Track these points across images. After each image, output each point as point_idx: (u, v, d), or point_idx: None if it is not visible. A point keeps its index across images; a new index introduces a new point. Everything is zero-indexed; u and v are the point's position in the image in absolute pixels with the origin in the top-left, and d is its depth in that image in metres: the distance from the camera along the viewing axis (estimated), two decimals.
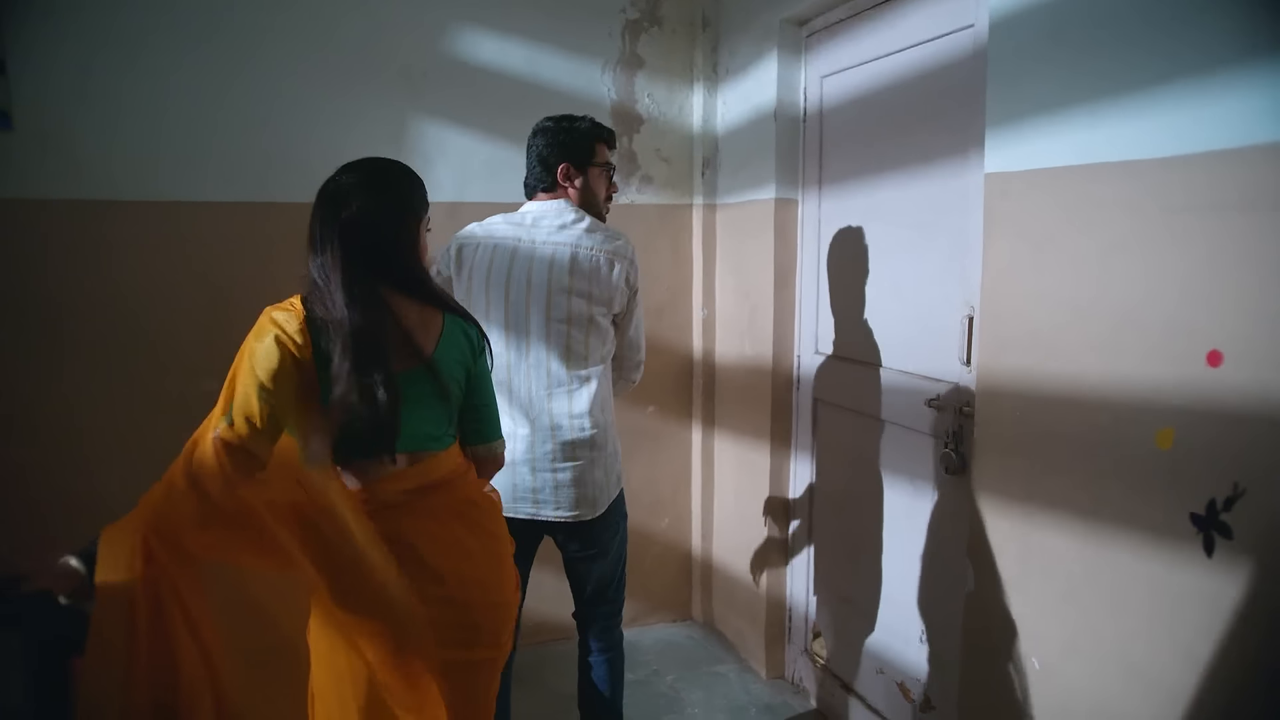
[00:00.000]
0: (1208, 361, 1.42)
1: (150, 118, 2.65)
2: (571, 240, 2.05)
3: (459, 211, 2.98)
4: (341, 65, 2.81)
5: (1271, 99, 1.31)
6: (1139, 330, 1.54)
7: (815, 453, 2.78)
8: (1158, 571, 1.52)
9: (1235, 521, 1.39)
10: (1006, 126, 1.81)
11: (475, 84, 2.96)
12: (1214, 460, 1.42)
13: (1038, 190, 1.74)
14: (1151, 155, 1.50)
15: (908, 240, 2.29)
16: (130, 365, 2.68)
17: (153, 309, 2.70)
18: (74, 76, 2.57)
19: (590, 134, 2.14)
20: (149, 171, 2.67)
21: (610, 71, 3.12)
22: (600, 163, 2.15)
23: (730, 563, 3.21)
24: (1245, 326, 1.36)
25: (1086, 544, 1.66)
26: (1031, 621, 1.80)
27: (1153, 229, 1.50)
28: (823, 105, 2.66)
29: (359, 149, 2.89)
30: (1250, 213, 1.35)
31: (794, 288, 2.83)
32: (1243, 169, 1.35)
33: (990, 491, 1.91)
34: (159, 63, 2.64)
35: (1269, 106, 1.31)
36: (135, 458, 1.94)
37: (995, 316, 1.88)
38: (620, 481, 2.20)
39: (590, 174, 2.14)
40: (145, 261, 2.69)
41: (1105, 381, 1.61)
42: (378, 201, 1.53)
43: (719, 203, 3.17)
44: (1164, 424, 1.50)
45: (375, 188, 1.54)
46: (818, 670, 2.79)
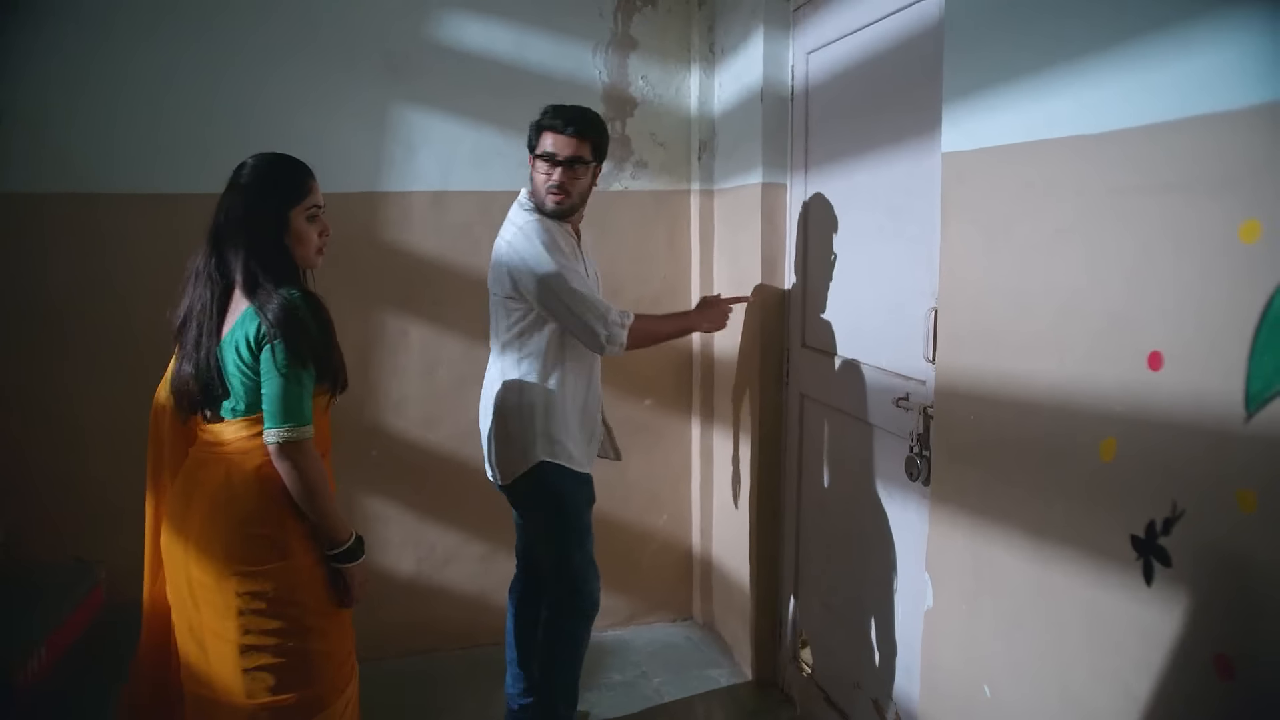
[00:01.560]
0: (1149, 364, 1.25)
1: (117, 107, 2.66)
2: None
3: (443, 200, 2.94)
4: (321, 51, 2.78)
5: (1209, 63, 1.13)
6: (1084, 325, 1.37)
7: (801, 452, 2.64)
8: (1099, 598, 1.35)
9: (1174, 547, 1.22)
10: (962, 101, 1.65)
11: (460, 68, 2.90)
12: (1153, 476, 1.25)
13: (990, 170, 1.58)
14: (1098, 130, 1.32)
15: (881, 226, 2.13)
16: (115, 360, 2.73)
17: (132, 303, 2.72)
18: (39, 66, 2.60)
19: (536, 124, 2.28)
20: (118, 164, 2.68)
21: (602, 53, 3.01)
22: (539, 153, 2.26)
23: (727, 563, 3.09)
24: (1184, 325, 1.19)
25: (1032, 564, 1.50)
26: (984, 644, 1.65)
27: (1099, 212, 1.33)
28: (808, 83, 2.50)
29: (339, 137, 2.90)
30: (1189, 194, 1.17)
31: (782, 277, 2.68)
32: (1182, 144, 1.18)
33: (947, 502, 1.75)
34: (125, 50, 2.65)
35: (1207, 72, 1.13)
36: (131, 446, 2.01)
37: (952, 310, 1.72)
38: (532, 459, 2.25)
39: (533, 164, 2.30)
40: (129, 254, 2.71)
41: (1051, 383, 1.44)
42: (226, 200, 1.73)
43: (716, 188, 3.03)
44: (1107, 433, 1.33)
45: (229, 187, 1.74)
46: (803, 680, 2.65)
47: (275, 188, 1.71)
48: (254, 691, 1.68)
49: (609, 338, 2.16)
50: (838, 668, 2.45)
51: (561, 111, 2.23)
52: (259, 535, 1.68)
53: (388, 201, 2.90)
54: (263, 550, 1.68)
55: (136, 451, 1.89)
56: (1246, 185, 1.09)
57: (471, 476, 3.06)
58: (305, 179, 1.75)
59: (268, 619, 1.68)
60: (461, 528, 3.08)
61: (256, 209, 1.69)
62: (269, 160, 1.74)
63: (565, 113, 2.22)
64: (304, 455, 1.66)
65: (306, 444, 1.66)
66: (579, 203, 2.29)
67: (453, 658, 3.06)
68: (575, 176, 2.22)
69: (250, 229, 1.69)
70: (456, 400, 3.02)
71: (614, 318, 2.17)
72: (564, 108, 2.25)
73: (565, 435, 2.27)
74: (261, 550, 1.68)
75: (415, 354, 2.98)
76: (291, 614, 1.69)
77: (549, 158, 2.21)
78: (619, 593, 3.18)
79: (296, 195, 1.72)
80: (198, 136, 2.70)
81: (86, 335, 2.72)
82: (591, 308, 2.15)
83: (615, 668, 3.00)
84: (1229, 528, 1.13)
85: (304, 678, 1.70)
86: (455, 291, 2.98)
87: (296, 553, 1.70)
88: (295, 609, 1.70)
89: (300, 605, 1.70)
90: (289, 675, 1.69)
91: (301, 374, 1.65)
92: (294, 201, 1.72)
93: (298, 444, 1.65)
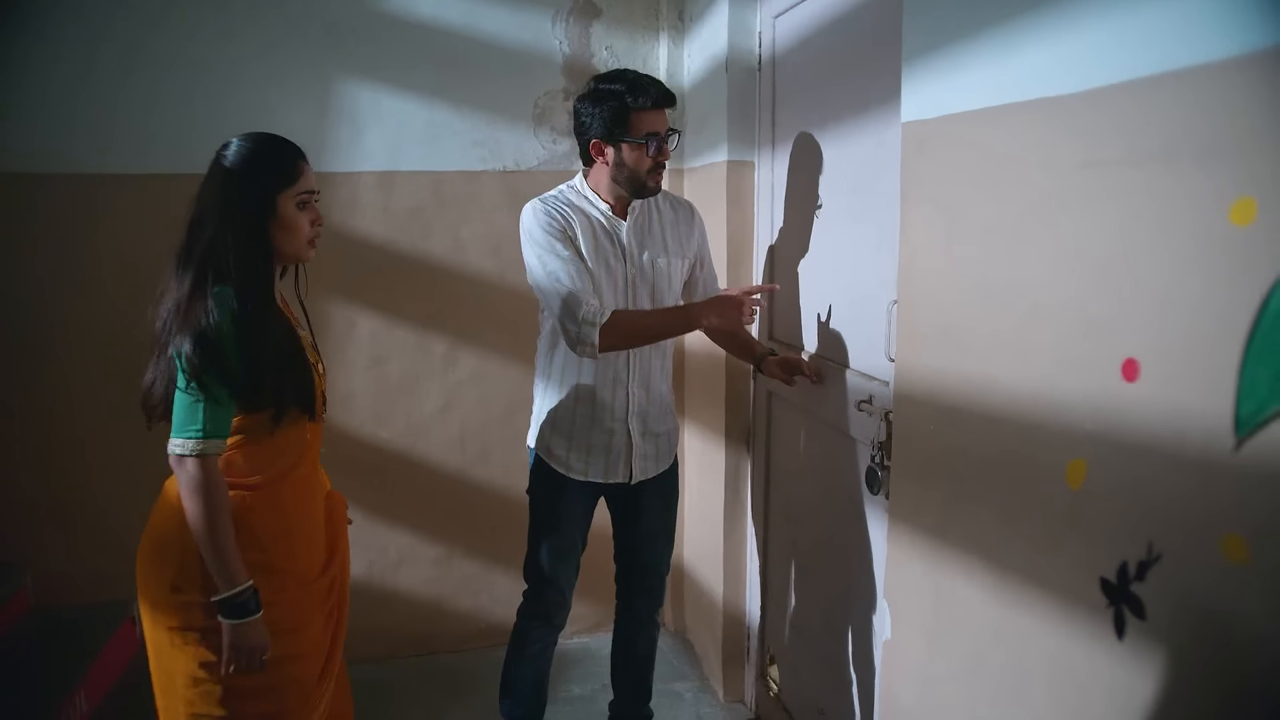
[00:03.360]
0: (1123, 373, 1.03)
1: (52, 85, 2.49)
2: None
3: (392, 181, 2.75)
4: (260, 24, 2.58)
5: (1194, 5, 0.90)
6: (1050, 325, 1.15)
7: (769, 456, 2.43)
8: (1064, 648, 1.14)
9: (1149, 596, 1.00)
10: (923, 62, 1.42)
11: (410, 40, 2.69)
12: (1127, 509, 1.03)
13: (951, 142, 1.36)
14: (1065, 90, 1.10)
15: (845, 208, 1.91)
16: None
17: (66, 289, 2.56)
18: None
19: (622, 104, 1.94)
20: (57, 144, 2.51)
21: (562, 22, 2.79)
22: (644, 134, 1.96)
23: (699, 571, 2.90)
24: (1165, 327, 0.97)
25: (994, 601, 1.29)
26: (943, 686, 1.44)
27: (1068, 189, 1.11)
28: (775, 51, 2.28)
29: (282, 115, 2.68)
30: (1172, 165, 0.95)
31: (751, 263, 2.46)
32: (1163, 104, 0.95)
33: (905, 522, 1.54)
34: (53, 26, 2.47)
35: (1192, 17, 0.91)
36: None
37: (912, 303, 1.50)
38: (530, 452, 2.15)
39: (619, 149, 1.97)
40: (59, 234, 2.55)
41: (1015, 393, 1.23)
42: (206, 183, 1.56)
43: (685, 167, 2.82)
44: (1075, 454, 1.11)
45: (211, 170, 1.57)
46: (770, 700, 2.46)
47: (261, 170, 1.53)
48: None
49: (578, 336, 1.88)
50: (803, 690, 2.25)
51: (647, 84, 1.94)
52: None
53: (333, 183, 2.69)
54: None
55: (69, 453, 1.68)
56: (1240, 154, 0.87)
57: (426, 475, 2.88)
58: (295, 160, 1.57)
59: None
60: (414, 529, 2.91)
61: (237, 194, 1.52)
62: (255, 140, 1.56)
63: (655, 87, 1.95)
64: (198, 472, 1.45)
65: (203, 461, 1.46)
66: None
67: (409, 665, 2.90)
68: (671, 147, 2.03)
69: (227, 217, 1.51)
70: (409, 395, 2.83)
71: (584, 314, 1.86)
72: (641, 78, 1.95)
73: (553, 431, 2.08)
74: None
75: (364, 346, 2.79)
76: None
77: (657, 138, 1.95)
78: (586, 598, 2.99)
79: (285, 179, 1.55)
80: (141, 119, 2.52)
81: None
82: (562, 303, 1.89)
83: (576, 679, 2.82)
84: (1213, 579, 0.92)
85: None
86: (406, 279, 2.79)
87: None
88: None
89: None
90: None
91: (200, 386, 1.45)
92: (282, 186, 1.54)
93: (182, 460, 1.46)
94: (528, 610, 2.24)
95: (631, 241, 2.03)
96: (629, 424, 2.08)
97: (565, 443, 2.08)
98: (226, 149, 1.56)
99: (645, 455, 2.13)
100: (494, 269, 2.82)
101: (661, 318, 2.00)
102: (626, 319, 1.92)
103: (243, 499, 1.55)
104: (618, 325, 1.88)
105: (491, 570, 2.97)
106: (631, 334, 1.93)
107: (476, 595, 2.97)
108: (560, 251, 1.92)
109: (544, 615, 2.22)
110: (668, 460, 2.21)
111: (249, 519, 1.55)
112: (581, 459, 2.08)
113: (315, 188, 1.61)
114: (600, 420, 2.06)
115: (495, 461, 2.92)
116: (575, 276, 1.90)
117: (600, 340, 1.86)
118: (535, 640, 2.26)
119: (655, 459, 2.16)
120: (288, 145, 1.59)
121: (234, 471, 1.55)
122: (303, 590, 1.63)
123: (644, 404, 2.09)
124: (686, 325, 2.01)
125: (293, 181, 1.56)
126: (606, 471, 2.10)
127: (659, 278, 2.06)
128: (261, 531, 1.56)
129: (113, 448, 2.56)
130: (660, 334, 2.02)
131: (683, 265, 2.12)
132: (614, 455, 2.10)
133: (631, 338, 1.95)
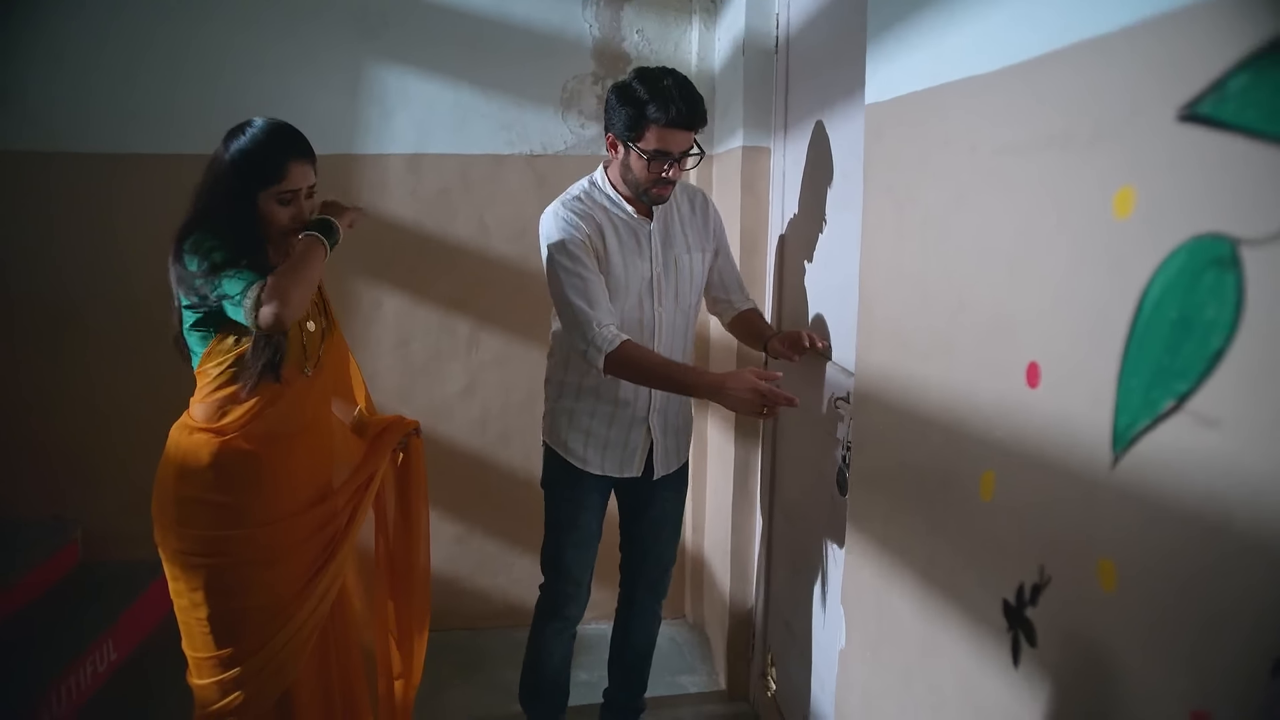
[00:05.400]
0: (1027, 378, 0.94)
1: (83, 69, 2.62)
2: None
3: (420, 164, 2.79)
4: (284, 5, 2.65)
5: None
6: (970, 324, 1.07)
7: (775, 454, 2.36)
8: (971, 671, 1.06)
9: (1040, 621, 0.92)
10: (883, 39, 1.34)
11: (438, 24, 2.71)
12: (1025, 527, 0.95)
13: (900, 125, 1.28)
14: (986, 68, 1.01)
15: (839, 196, 1.83)
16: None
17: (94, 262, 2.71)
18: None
19: (638, 114, 1.82)
20: (92, 126, 2.65)
21: (593, 5, 2.76)
22: (652, 150, 1.83)
23: (713, 564, 2.85)
24: (1058, 329, 0.88)
25: (920, 617, 1.21)
26: (881, 701, 1.37)
27: (986, 176, 1.03)
28: (790, 32, 2.19)
29: (309, 100, 2.77)
30: (1065, 152, 0.86)
31: (765, 253, 2.39)
32: (1057, 84, 0.86)
33: (860, 528, 1.47)
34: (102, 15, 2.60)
35: None
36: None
37: (869, 298, 1.42)
38: (544, 446, 2.15)
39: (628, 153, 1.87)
40: (90, 212, 2.69)
41: (943, 394, 1.15)
42: (210, 162, 1.65)
43: (714, 153, 2.75)
44: (987, 464, 1.03)
45: (218, 149, 1.64)
46: (767, 699, 2.39)
47: (245, 167, 1.60)
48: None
49: (585, 355, 1.84)
50: (793, 693, 2.19)
51: (674, 100, 1.79)
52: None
53: (362, 165, 2.76)
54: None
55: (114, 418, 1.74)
56: (1122, 136, 0.78)
57: (446, 455, 2.93)
58: (285, 161, 1.60)
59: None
60: (435, 506, 2.95)
61: (222, 184, 1.61)
62: (256, 133, 1.62)
63: (692, 103, 1.81)
64: (269, 310, 1.51)
65: (259, 304, 1.52)
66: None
67: None
68: (683, 168, 1.90)
69: (213, 199, 1.61)
70: (432, 375, 2.88)
71: (595, 338, 1.80)
72: (670, 92, 1.80)
73: (570, 426, 2.05)
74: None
75: (389, 326, 2.85)
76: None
77: (668, 158, 1.83)
78: (600, 585, 2.99)
79: (267, 179, 1.60)
80: (166, 100, 2.64)
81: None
82: (575, 321, 1.84)
83: (585, 665, 2.81)
84: (1089, 607, 0.83)
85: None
86: (431, 261, 2.83)
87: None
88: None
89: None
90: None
91: (213, 268, 1.55)
92: (263, 185, 1.61)
93: (255, 316, 1.52)
94: (544, 606, 2.20)
95: (657, 240, 1.97)
96: (650, 420, 2.03)
97: (582, 438, 2.04)
98: (238, 134, 1.62)
99: (667, 450, 2.09)
100: (518, 253, 2.83)
101: (667, 373, 1.85)
102: (636, 358, 1.82)
103: (215, 445, 1.64)
104: (625, 360, 1.81)
105: (509, 552, 3.00)
106: (635, 373, 1.84)
107: (494, 575, 3.01)
108: (580, 266, 1.86)
109: (560, 611, 2.18)
110: (685, 454, 2.18)
111: (218, 463, 1.63)
112: (598, 454, 2.04)
113: (303, 185, 1.64)
114: (620, 417, 2.02)
115: (516, 445, 2.94)
116: (592, 295, 1.84)
117: (605, 367, 1.82)
118: (554, 646, 2.22)
119: (677, 454, 2.13)
120: (284, 143, 1.62)
121: (212, 418, 1.65)
122: (267, 528, 1.69)
123: (664, 401, 2.04)
124: (695, 393, 1.85)
125: (274, 182, 1.60)
126: (622, 466, 2.06)
127: (682, 276, 2.01)
128: (225, 475, 1.64)
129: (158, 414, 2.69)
130: (662, 386, 1.90)
131: (704, 259, 2.06)
132: (630, 450, 2.05)
133: (634, 375, 1.86)
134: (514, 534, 2.98)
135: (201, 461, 1.62)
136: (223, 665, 1.66)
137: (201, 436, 1.63)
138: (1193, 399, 0.69)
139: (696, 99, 1.82)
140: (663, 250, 1.98)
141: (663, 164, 1.83)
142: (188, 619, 1.68)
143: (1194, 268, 0.69)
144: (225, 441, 1.63)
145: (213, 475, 1.63)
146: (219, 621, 1.66)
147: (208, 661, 1.68)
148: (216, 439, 1.63)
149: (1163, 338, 0.73)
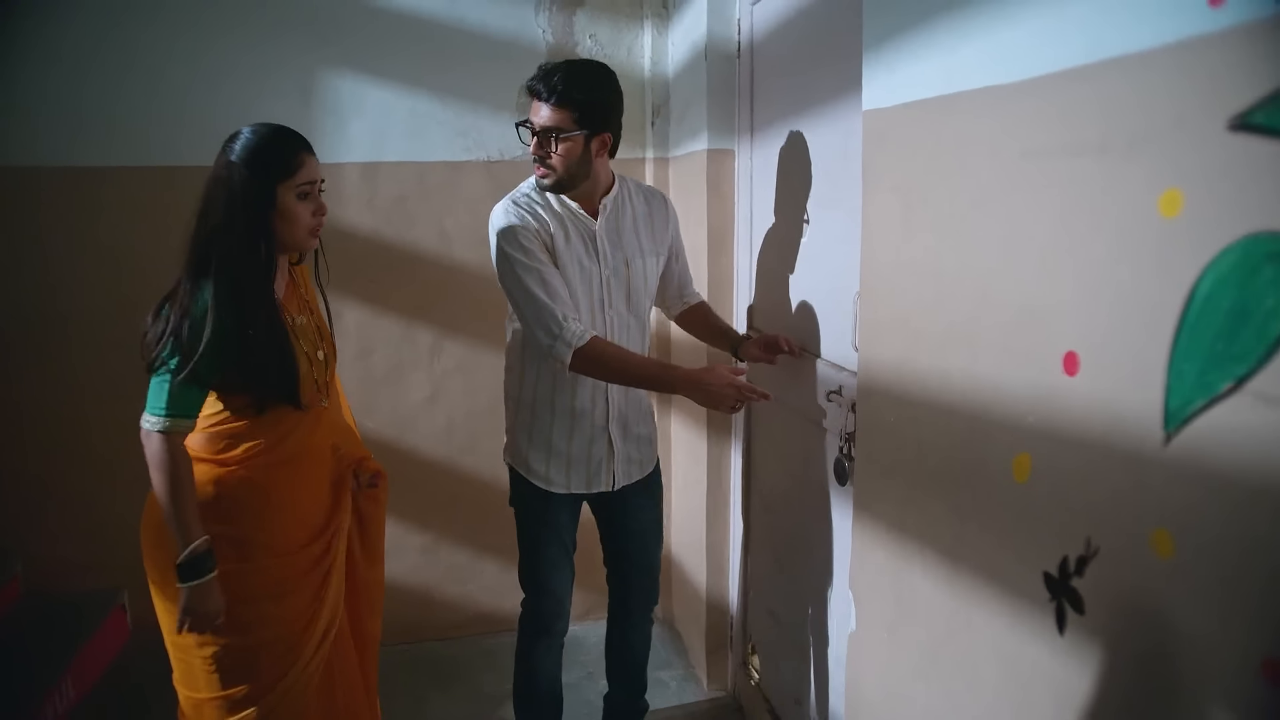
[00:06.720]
0: (1064, 367, 1.02)
1: (53, 80, 2.50)
2: None
3: (376, 172, 2.75)
4: (248, 15, 2.58)
5: None
6: (997, 317, 1.14)
7: (750, 447, 2.43)
8: (1010, 643, 1.14)
9: (1087, 590, 1.00)
10: (882, 48, 1.41)
11: (392, 31, 2.68)
12: (1068, 504, 1.02)
13: (908, 130, 1.34)
14: (1010, 78, 1.08)
15: (820, 195, 1.90)
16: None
17: (68, 282, 2.59)
18: None
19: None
20: (31, 136, 2.53)
21: (546, 10, 2.78)
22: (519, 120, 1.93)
23: (685, 560, 2.90)
24: (1100, 320, 0.96)
25: (948, 595, 1.28)
26: (903, 681, 1.44)
27: (1012, 179, 1.10)
28: (753, 37, 2.26)
29: (268, 107, 2.68)
30: (1104, 156, 0.93)
31: (731, 252, 2.45)
32: (1096, 94, 0.94)
33: (868, 514, 1.54)
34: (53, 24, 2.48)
35: (1120, 7, 0.89)
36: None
37: (872, 294, 1.49)
38: (508, 468, 2.10)
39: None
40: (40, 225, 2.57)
41: (965, 386, 1.22)
42: (211, 174, 1.60)
43: (670, 156, 2.80)
44: (1021, 448, 1.10)
45: (216, 161, 1.60)
46: (751, 689, 2.46)
47: (261, 162, 1.55)
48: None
49: (551, 350, 1.82)
50: (781, 680, 2.26)
51: (544, 72, 1.83)
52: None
53: None
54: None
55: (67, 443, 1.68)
56: (1167, 145, 0.85)
57: (413, 465, 2.90)
58: (297, 151, 1.59)
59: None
60: (401, 518, 2.92)
61: (238, 186, 1.54)
62: (258, 132, 1.58)
63: (546, 74, 1.82)
64: (159, 448, 1.52)
65: (167, 438, 1.51)
66: (571, 177, 1.88)
67: (395, 653, 2.92)
68: (556, 148, 1.85)
69: (229, 207, 1.54)
70: (395, 385, 2.85)
71: (563, 332, 1.79)
72: (549, 67, 1.84)
73: (530, 444, 2.01)
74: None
75: (350, 337, 2.80)
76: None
77: (528, 125, 1.87)
78: (586, 587, 3.01)
79: (284, 170, 1.57)
80: (128, 111, 2.53)
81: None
82: (538, 316, 1.82)
83: (564, 667, 2.82)
84: (1144, 574, 0.91)
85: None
86: (391, 270, 2.79)
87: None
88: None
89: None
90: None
91: (165, 368, 1.51)
92: (281, 177, 1.56)
93: (148, 435, 1.52)
94: (528, 625, 2.18)
95: (605, 241, 1.95)
96: (609, 430, 2.01)
97: (544, 456, 2.00)
98: (233, 140, 1.59)
99: (629, 459, 2.07)
100: (479, 260, 2.81)
101: (641, 369, 1.87)
102: (606, 354, 1.82)
103: (218, 475, 1.60)
104: (595, 356, 1.81)
105: (479, 559, 2.99)
106: (606, 370, 1.85)
107: (464, 584, 2.99)
108: (535, 260, 1.84)
109: (544, 628, 2.17)
110: (650, 464, 2.15)
111: (221, 493, 1.60)
112: (562, 472, 2.01)
113: (317, 178, 1.63)
114: (580, 430, 1.99)
115: (482, 451, 2.92)
116: (552, 288, 1.83)
117: (572, 363, 1.80)
118: (545, 664, 2.21)
119: (640, 463, 2.10)
120: (290, 137, 1.61)
121: (214, 449, 1.60)
122: (276, 560, 1.66)
123: (624, 408, 2.03)
124: (664, 389, 1.91)
125: (292, 173, 1.58)
126: (589, 482, 2.04)
127: (635, 278, 1.99)
128: (231, 505, 1.60)
129: (110, 438, 2.58)
130: (633, 383, 1.93)
131: (658, 262, 2.05)
132: (594, 464, 2.03)
133: (605, 373, 1.86)
134: (483, 541, 2.97)
135: (206, 492, 1.57)
136: (232, 707, 1.60)
137: (202, 466, 1.58)
138: (1253, 380, 0.77)
139: (554, 72, 1.81)
140: (611, 252, 1.96)
141: (530, 137, 1.86)
142: (188, 657, 1.61)
143: (1250, 263, 0.76)
144: (229, 471, 1.59)
145: (218, 506, 1.58)
146: (227, 659, 1.59)
147: (213, 703, 1.61)
148: (219, 469, 1.59)
149: (1215, 326, 0.80)
